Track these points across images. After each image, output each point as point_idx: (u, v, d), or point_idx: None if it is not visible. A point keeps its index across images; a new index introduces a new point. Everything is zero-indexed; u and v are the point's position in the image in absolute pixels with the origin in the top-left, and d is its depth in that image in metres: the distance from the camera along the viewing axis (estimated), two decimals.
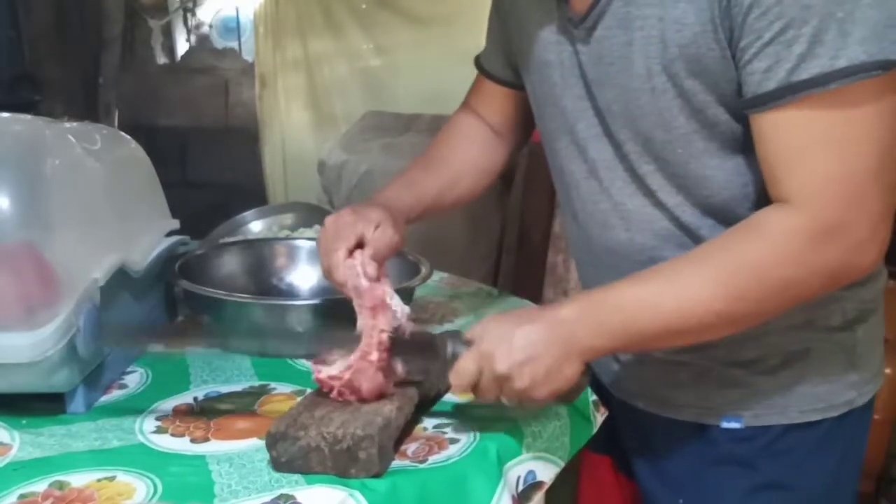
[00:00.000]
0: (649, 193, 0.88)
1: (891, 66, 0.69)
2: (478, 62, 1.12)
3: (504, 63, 1.06)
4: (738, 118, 0.80)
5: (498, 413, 0.88)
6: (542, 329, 0.77)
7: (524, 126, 1.11)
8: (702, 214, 0.86)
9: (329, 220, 0.92)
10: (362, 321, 0.84)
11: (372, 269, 0.86)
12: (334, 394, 0.81)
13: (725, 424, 0.92)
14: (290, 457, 0.75)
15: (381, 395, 0.82)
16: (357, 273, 0.86)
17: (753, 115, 0.76)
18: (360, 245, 0.89)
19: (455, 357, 0.79)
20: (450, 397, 0.91)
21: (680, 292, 0.77)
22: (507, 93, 1.08)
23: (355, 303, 0.85)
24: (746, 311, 0.78)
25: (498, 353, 0.76)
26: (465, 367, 0.78)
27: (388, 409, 0.79)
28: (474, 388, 0.78)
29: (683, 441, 0.96)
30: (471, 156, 1.10)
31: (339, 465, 0.74)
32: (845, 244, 0.74)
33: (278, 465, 0.76)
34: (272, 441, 0.76)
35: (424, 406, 0.88)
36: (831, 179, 0.72)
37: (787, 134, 0.74)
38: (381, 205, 0.95)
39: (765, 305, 0.78)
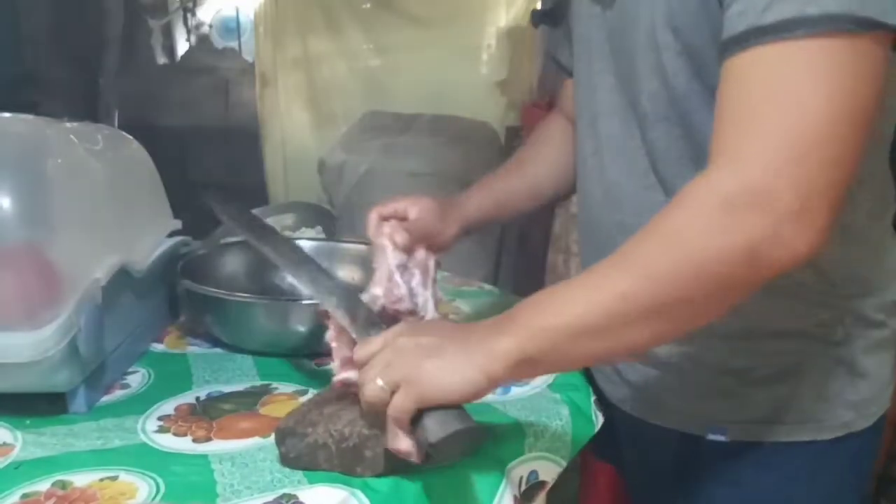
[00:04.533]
0: (650, 170, 0.85)
1: (862, 25, 0.62)
2: (554, 57, 1.13)
3: (571, 52, 1.05)
4: None
5: (500, 413, 0.88)
6: (452, 325, 0.81)
7: None
8: None
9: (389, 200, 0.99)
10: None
11: (401, 237, 0.91)
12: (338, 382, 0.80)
13: (711, 436, 0.88)
14: (298, 453, 0.75)
15: None
16: (381, 233, 0.92)
17: (722, 63, 0.68)
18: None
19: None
20: None
21: (585, 280, 0.69)
22: None
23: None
24: (658, 291, 0.65)
25: (406, 328, 0.74)
26: (373, 340, 0.73)
27: None
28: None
29: (670, 450, 0.93)
30: (552, 157, 1.12)
31: (346, 462, 0.74)
32: (770, 213, 0.63)
33: (286, 460, 0.76)
34: (281, 436, 0.76)
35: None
36: (770, 136, 0.64)
37: (742, 83, 0.66)
38: (440, 199, 1.01)
39: (681, 284, 0.65)
